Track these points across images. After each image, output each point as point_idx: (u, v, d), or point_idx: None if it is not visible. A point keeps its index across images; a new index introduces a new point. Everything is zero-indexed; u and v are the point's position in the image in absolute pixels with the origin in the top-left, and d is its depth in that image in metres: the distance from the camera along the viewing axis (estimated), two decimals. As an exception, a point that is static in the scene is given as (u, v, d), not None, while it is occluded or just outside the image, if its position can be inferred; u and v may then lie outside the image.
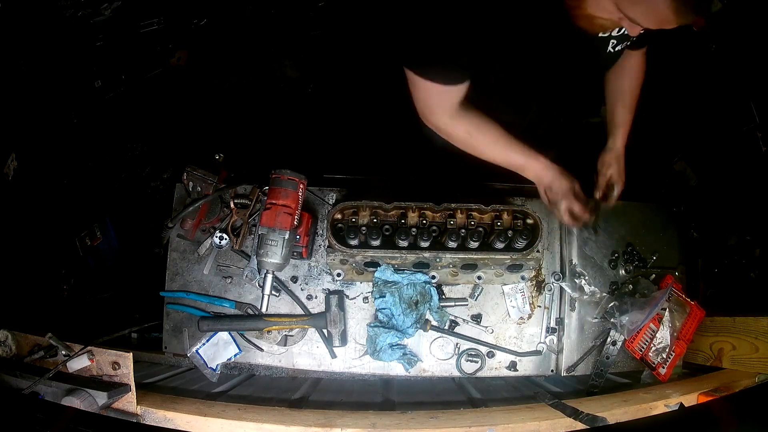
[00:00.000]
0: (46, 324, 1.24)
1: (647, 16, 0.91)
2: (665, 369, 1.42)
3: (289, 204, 1.27)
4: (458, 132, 1.20)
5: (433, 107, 1.17)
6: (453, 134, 1.20)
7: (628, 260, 1.50)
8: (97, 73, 2.38)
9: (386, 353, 1.39)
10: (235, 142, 2.39)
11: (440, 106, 1.16)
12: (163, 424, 1.10)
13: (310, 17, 2.59)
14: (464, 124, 1.19)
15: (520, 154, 1.24)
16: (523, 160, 1.24)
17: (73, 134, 2.35)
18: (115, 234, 2.19)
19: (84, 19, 2.22)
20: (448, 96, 1.13)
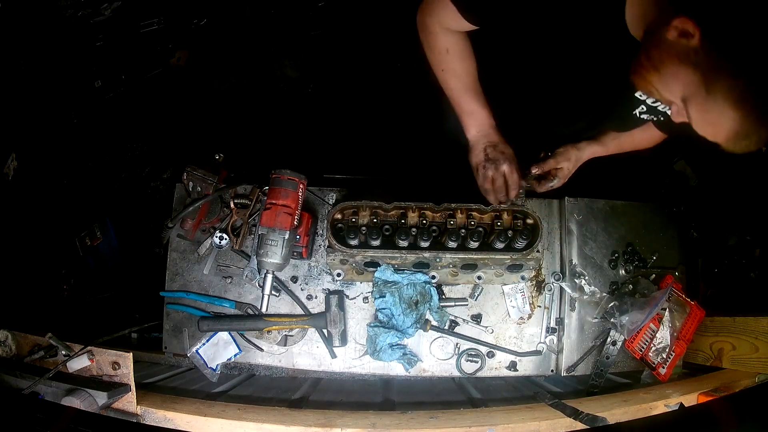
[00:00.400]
0: (46, 324, 1.24)
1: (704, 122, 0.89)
2: (665, 369, 1.42)
3: (289, 204, 1.27)
4: (439, 42, 1.16)
5: (437, 12, 1.13)
6: (433, 42, 1.17)
7: (628, 260, 1.50)
8: (97, 73, 2.38)
9: (386, 353, 1.39)
10: (235, 142, 2.39)
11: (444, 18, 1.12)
12: (163, 424, 1.10)
13: (310, 17, 2.59)
14: (450, 41, 1.16)
15: (477, 100, 1.21)
16: (476, 106, 1.21)
17: (73, 134, 2.35)
18: (115, 234, 2.19)
19: (84, 19, 2.22)
20: (456, 20, 1.10)
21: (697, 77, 0.85)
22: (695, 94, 0.87)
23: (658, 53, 0.90)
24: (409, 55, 2.49)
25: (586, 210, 1.51)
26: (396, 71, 2.54)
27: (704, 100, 0.86)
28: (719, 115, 0.85)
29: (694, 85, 0.87)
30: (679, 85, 0.89)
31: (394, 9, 2.50)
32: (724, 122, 0.85)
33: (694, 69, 0.85)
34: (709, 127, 0.89)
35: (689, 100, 0.89)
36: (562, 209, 1.52)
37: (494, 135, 1.24)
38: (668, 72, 0.90)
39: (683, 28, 0.84)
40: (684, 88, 0.89)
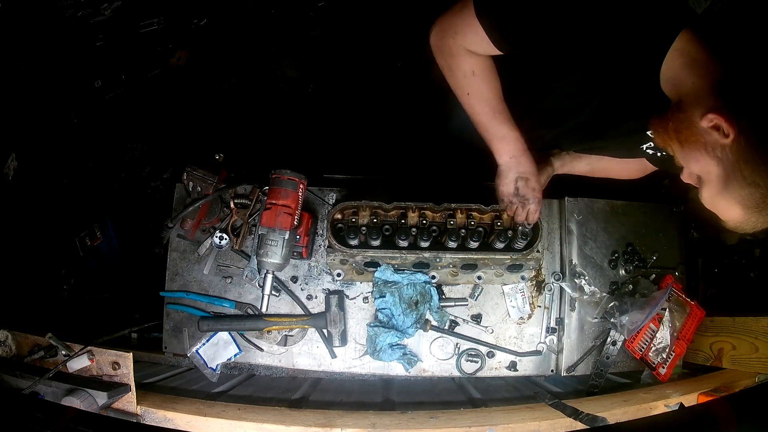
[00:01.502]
0: (46, 324, 1.24)
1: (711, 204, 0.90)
2: (665, 369, 1.42)
3: (289, 204, 1.27)
4: (464, 65, 1.08)
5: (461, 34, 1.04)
6: (456, 65, 1.08)
7: (628, 260, 1.50)
8: (97, 73, 2.38)
9: (386, 353, 1.39)
10: (235, 142, 2.39)
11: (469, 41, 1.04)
12: (163, 424, 1.10)
13: (310, 17, 2.59)
14: (475, 63, 1.07)
15: (507, 123, 1.13)
16: (507, 130, 1.13)
17: (73, 134, 2.36)
18: (115, 234, 2.19)
19: (84, 19, 2.22)
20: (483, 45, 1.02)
21: (719, 171, 0.86)
22: (711, 182, 0.88)
23: (686, 132, 0.89)
24: (410, 54, 2.50)
25: (586, 210, 1.51)
26: (396, 71, 2.54)
27: (718, 191, 0.87)
28: (727, 208, 0.88)
29: (713, 175, 0.87)
30: (698, 167, 0.90)
31: (394, 9, 2.50)
32: (731, 214, 0.88)
33: (717, 163, 0.85)
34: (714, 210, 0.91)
35: (703, 183, 0.90)
36: (562, 209, 1.52)
37: (527, 163, 1.17)
38: (691, 153, 0.90)
39: (719, 124, 0.83)
40: (702, 172, 0.90)
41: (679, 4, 0.88)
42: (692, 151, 0.89)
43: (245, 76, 2.59)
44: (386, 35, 2.53)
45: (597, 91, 1.04)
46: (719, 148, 0.84)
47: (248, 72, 2.59)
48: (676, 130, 0.91)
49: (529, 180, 1.19)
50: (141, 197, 2.41)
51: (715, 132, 0.83)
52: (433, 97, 1.61)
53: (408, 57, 2.51)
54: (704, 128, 0.85)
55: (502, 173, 1.20)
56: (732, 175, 0.84)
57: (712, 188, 0.88)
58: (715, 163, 0.86)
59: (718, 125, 0.83)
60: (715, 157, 0.85)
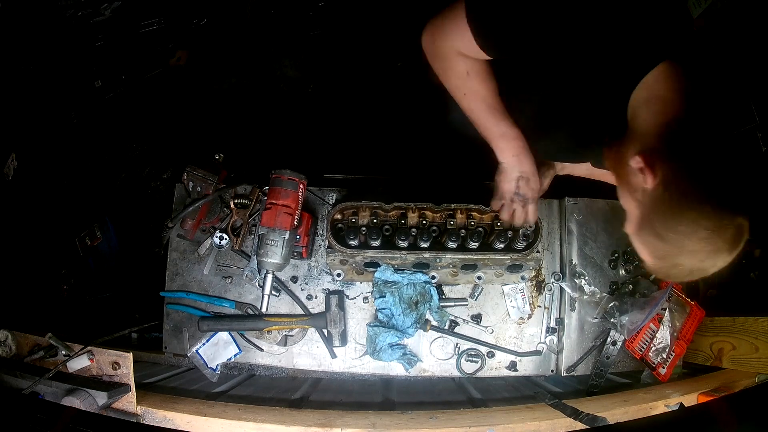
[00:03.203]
0: (46, 324, 1.24)
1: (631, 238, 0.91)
2: (665, 369, 1.42)
3: (289, 204, 1.27)
4: (458, 67, 1.06)
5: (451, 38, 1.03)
6: (449, 66, 1.07)
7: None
8: (97, 73, 2.38)
9: (386, 353, 1.39)
10: (235, 142, 2.39)
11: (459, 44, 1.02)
12: (163, 424, 1.10)
13: (310, 17, 2.59)
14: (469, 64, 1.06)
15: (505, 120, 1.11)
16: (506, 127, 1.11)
17: (73, 134, 2.36)
18: (115, 234, 2.19)
19: (84, 19, 2.22)
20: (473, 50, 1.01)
21: (637, 213, 0.87)
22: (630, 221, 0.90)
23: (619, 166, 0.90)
24: (409, 55, 2.50)
25: (586, 210, 1.51)
26: (396, 71, 2.54)
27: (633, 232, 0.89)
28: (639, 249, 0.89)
29: (632, 215, 0.89)
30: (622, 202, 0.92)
31: (394, 9, 2.50)
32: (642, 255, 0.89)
33: (637, 205, 0.86)
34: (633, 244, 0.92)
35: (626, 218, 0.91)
36: (562, 209, 1.52)
37: (528, 162, 1.16)
38: (621, 187, 0.92)
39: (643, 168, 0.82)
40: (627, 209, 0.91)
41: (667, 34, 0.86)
42: (621, 186, 0.91)
43: (245, 76, 2.59)
44: (386, 35, 2.53)
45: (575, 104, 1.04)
46: (640, 191, 0.85)
47: (248, 72, 2.59)
48: (615, 163, 0.92)
49: (530, 180, 1.18)
50: (141, 197, 2.41)
51: (640, 174, 0.83)
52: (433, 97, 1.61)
53: (408, 57, 2.50)
54: (632, 168, 0.84)
55: (504, 171, 1.19)
56: (646, 220, 0.84)
57: (630, 227, 0.90)
58: (635, 205, 0.87)
59: (642, 169, 0.82)
60: (636, 199, 0.86)
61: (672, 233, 0.80)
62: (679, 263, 0.82)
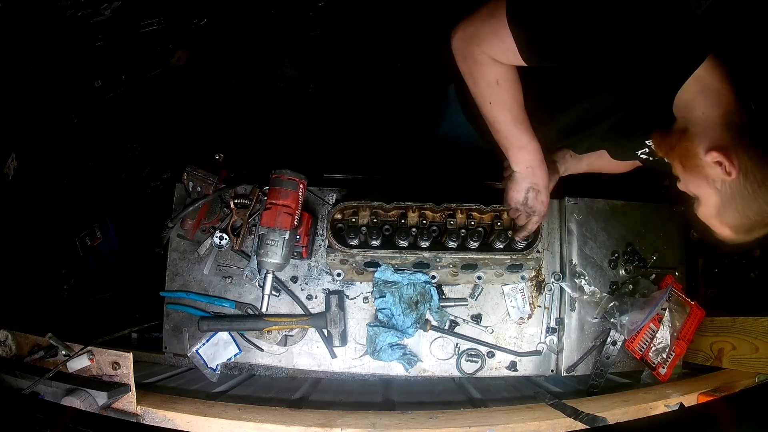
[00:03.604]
0: (46, 324, 1.24)
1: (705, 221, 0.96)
2: (665, 369, 1.42)
3: (290, 204, 1.27)
4: (489, 74, 1.05)
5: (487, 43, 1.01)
6: (480, 73, 1.06)
7: (628, 260, 1.50)
8: (97, 73, 2.39)
9: (386, 353, 1.39)
10: (235, 142, 2.39)
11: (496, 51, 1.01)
12: (163, 424, 1.10)
13: (310, 17, 2.59)
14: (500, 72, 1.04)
15: (527, 132, 1.12)
16: (527, 140, 1.12)
17: (73, 134, 2.36)
18: (115, 234, 2.20)
19: (84, 19, 2.22)
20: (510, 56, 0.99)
21: (717, 200, 0.91)
22: (707, 206, 0.94)
23: (690, 160, 0.93)
24: (409, 55, 2.50)
25: (586, 210, 1.51)
26: (396, 71, 2.54)
27: (713, 215, 0.94)
28: (719, 229, 0.96)
29: (710, 201, 0.93)
30: (697, 191, 0.95)
31: (394, 9, 2.50)
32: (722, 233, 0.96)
33: (716, 193, 0.91)
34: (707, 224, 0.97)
35: (699, 203, 0.96)
36: (562, 209, 1.52)
37: (541, 176, 1.17)
38: (692, 179, 0.95)
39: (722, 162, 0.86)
40: (700, 195, 0.95)
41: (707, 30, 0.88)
42: (694, 178, 0.94)
43: (245, 76, 2.59)
44: (386, 35, 2.53)
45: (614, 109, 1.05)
46: (720, 181, 0.89)
47: (248, 72, 2.59)
48: (681, 155, 0.95)
49: (540, 192, 1.19)
50: (141, 197, 2.41)
51: (718, 167, 0.88)
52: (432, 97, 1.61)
53: (407, 57, 2.51)
54: (707, 161, 0.89)
55: (515, 180, 1.20)
56: (728, 204, 0.90)
57: (707, 210, 0.95)
58: (714, 192, 0.92)
59: (721, 163, 0.87)
60: (715, 188, 0.91)
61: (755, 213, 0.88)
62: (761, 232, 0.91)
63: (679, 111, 0.95)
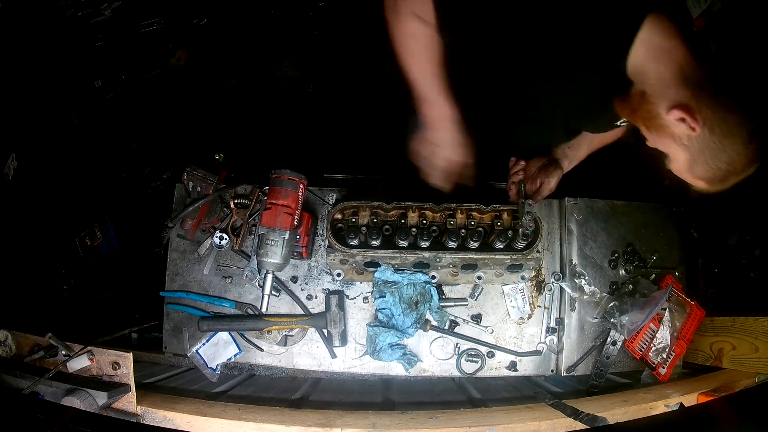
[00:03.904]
0: (46, 324, 1.24)
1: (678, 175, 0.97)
2: (665, 369, 1.42)
3: (289, 204, 1.27)
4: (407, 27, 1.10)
5: None
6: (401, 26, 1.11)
7: (628, 260, 1.50)
8: (97, 73, 2.38)
9: (386, 353, 1.39)
10: (235, 142, 2.39)
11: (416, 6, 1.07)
12: (163, 424, 1.10)
13: (310, 17, 2.59)
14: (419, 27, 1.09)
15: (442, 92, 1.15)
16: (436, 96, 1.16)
17: (73, 134, 2.36)
18: (115, 234, 2.19)
19: (84, 19, 2.22)
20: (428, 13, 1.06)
21: (686, 156, 0.93)
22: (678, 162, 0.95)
23: (653, 121, 0.94)
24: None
25: (586, 210, 1.51)
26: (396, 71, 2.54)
27: (685, 171, 0.95)
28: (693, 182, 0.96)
29: (680, 159, 0.94)
30: (666, 150, 0.96)
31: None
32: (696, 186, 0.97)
33: (684, 149, 0.92)
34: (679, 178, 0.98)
35: (671, 160, 0.96)
36: (562, 209, 1.52)
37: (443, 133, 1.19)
38: (658, 139, 0.96)
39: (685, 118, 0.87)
40: (670, 153, 0.96)
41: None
42: (660, 138, 0.95)
43: (245, 76, 2.59)
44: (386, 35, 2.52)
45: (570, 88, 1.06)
46: (686, 137, 0.90)
47: (248, 72, 2.59)
48: (643, 118, 0.95)
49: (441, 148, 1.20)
50: (141, 197, 2.40)
51: (681, 124, 0.89)
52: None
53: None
54: (671, 120, 0.89)
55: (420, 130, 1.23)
56: (697, 159, 0.91)
57: (679, 166, 0.96)
58: (682, 149, 0.92)
59: (683, 119, 0.88)
60: (682, 144, 0.91)
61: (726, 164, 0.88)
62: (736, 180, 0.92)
63: (635, 75, 0.95)
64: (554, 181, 1.38)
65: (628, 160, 1.46)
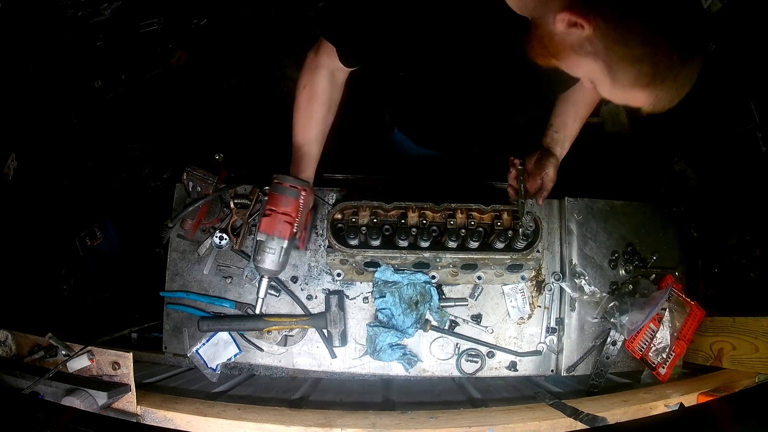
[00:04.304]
0: (46, 324, 1.24)
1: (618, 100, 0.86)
2: (665, 369, 1.42)
3: (290, 213, 1.22)
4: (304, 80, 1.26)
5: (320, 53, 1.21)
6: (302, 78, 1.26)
7: (628, 260, 1.50)
8: (97, 73, 2.38)
9: (386, 353, 1.39)
10: (235, 142, 2.39)
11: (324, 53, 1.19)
12: (163, 424, 1.10)
13: (310, 17, 2.59)
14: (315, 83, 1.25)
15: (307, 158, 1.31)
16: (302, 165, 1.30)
17: (73, 134, 2.36)
18: (115, 234, 2.20)
19: (84, 19, 2.22)
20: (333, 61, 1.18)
21: (600, 65, 0.81)
22: (600, 80, 0.84)
23: (551, 44, 0.86)
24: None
25: (586, 210, 1.51)
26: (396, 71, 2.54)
27: (611, 84, 0.83)
28: (630, 95, 0.83)
29: (597, 72, 0.83)
30: (580, 71, 0.87)
31: (394, 9, 2.49)
32: (637, 100, 0.83)
33: (593, 58, 0.81)
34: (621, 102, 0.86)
35: (597, 85, 0.86)
36: (562, 209, 1.52)
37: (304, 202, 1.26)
38: (568, 61, 0.86)
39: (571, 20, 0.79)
40: (589, 75, 0.86)
41: None
42: (567, 59, 0.85)
43: (245, 76, 2.59)
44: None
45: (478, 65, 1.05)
46: (586, 43, 0.80)
47: (248, 72, 2.59)
48: (544, 47, 0.88)
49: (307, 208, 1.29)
50: (141, 197, 2.41)
51: (574, 29, 0.80)
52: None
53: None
54: (563, 31, 0.81)
55: None
56: (611, 61, 0.80)
57: (604, 84, 0.84)
58: (591, 59, 0.82)
59: (571, 21, 0.79)
60: (587, 53, 0.81)
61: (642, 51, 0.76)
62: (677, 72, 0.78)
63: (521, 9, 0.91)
64: (551, 170, 1.31)
65: (628, 160, 1.46)
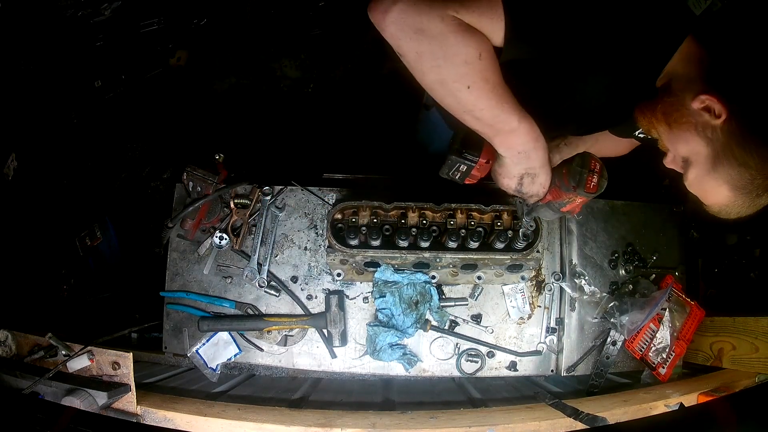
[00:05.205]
0: (46, 324, 1.24)
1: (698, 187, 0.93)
2: (665, 369, 1.42)
3: None
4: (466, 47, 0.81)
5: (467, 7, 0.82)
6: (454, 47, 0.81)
7: (628, 260, 1.50)
8: (97, 73, 2.38)
9: (386, 353, 1.39)
10: (235, 142, 2.39)
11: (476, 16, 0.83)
12: (163, 424, 1.10)
13: (310, 17, 2.59)
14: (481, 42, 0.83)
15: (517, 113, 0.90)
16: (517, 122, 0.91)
17: (73, 134, 2.36)
18: (115, 234, 2.19)
19: (84, 19, 2.22)
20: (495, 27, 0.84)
21: (708, 151, 0.88)
22: (699, 163, 0.91)
23: (675, 114, 0.91)
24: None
25: (586, 210, 1.51)
26: (395, 71, 2.54)
27: (706, 172, 0.90)
28: (715, 189, 0.90)
29: (701, 156, 0.89)
30: (685, 149, 0.92)
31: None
32: (717, 196, 0.91)
33: (707, 143, 0.88)
34: (700, 192, 0.94)
35: (691, 164, 0.92)
36: (562, 209, 1.52)
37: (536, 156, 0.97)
38: (680, 134, 0.92)
39: (711, 105, 0.85)
40: (690, 154, 0.92)
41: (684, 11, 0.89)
42: (681, 133, 0.91)
43: (245, 76, 2.59)
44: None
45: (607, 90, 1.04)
46: (710, 129, 0.87)
47: (248, 72, 2.59)
48: (665, 113, 0.92)
49: (537, 176, 1.01)
50: (141, 197, 2.41)
51: (705, 113, 0.86)
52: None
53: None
54: (695, 110, 0.87)
55: (506, 166, 1.00)
56: (722, 155, 0.86)
57: (699, 169, 0.91)
58: (705, 143, 0.88)
59: (709, 107, 0.85)
60: (705, 137, 0.87)
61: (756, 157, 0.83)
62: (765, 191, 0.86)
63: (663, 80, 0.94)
64: None
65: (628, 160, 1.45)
